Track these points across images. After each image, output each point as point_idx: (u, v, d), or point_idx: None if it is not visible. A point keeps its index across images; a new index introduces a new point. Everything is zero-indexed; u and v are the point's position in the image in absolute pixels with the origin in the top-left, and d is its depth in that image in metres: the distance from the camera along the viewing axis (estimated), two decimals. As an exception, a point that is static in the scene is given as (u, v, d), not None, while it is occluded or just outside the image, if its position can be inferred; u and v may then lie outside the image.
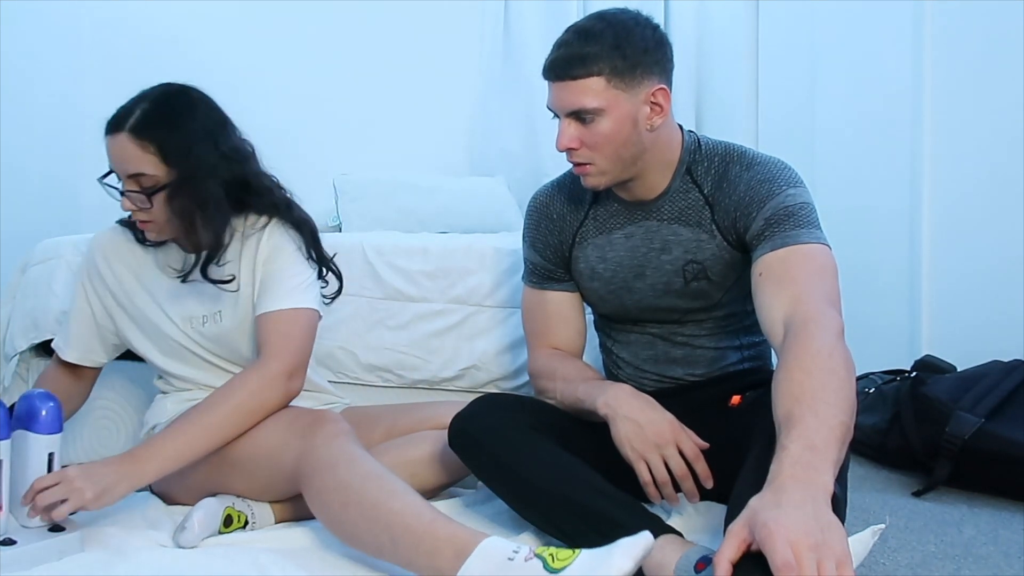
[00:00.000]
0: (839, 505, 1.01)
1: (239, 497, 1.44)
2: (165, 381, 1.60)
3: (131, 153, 1.38)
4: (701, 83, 3.29)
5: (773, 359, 1.38)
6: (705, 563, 1.08)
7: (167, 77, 1.49)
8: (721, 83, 3.21)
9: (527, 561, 1.05)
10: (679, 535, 1.18)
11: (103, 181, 1.43)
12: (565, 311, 1.55)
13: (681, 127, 1.45)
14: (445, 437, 1.39)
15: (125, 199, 1.41)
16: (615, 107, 1.32)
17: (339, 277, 1.61)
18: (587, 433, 1.37)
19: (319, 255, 1.55)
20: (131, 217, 1.46)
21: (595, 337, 1.64)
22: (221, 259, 1.46)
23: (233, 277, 1.46)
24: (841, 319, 1.17)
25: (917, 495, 1.72)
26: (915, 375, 1.91)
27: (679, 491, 1.30)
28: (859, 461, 1.94)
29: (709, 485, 1.28)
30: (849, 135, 2.54)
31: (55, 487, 1.23)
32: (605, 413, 1.31)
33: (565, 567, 1.03)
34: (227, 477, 1.42)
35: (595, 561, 1.03)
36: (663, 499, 1.29)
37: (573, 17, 3.01)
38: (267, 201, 1.51)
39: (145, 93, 1.43)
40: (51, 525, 1.26)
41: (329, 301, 1.62)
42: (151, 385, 1.64)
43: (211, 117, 1.46)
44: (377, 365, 1.96)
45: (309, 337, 1.48)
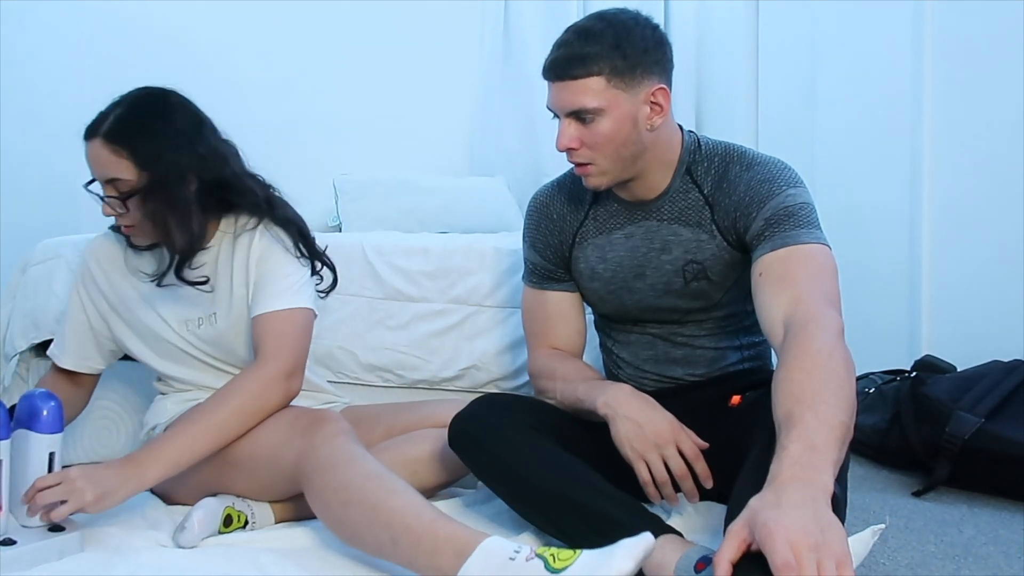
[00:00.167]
0: (839, 505, 1.01)
1: (239, 497, 1.44)
2: (164, 383, 1.60)
3: (105, 158, 1.38)
4: (701, 83, 3.29)
5: (773, 359, 1.38)
6: (705, 563, 1.08)
7: (168, 77, 1.49)
8: (721, 83, 3.21)
9: (528, 561, 1.05)
10: (679, 535, 1.18)
11: (88, 187, 1.43)
12: (565, 311, 1.55)
13: (681, 127, 1.45)
14: (445, 435, 1.39)
15: (105, 204, 1.42)
16: (615, 107, 1.32)
17: (332, 269, 1.60)
18: (587, 433, 1.37)
19: (310, 251, 1.54)
20: (116, 222, 1.46)
21: (595, 337, 1.64)
22: (195, 262, 1.46)
23: (207, 279, 1.46)
24: (841, 319, 1.17)
25: (917, 495, 1.72)
26: (915, 375, 1.91)
27: (679, 491, 1.30)
28: (859, 461, 1.94)
29: (709, 485, 1.28)
30: (849, 135, 2.54)
31: (56, 487, 1.23)
32: (605, 413, 1.31)
33: (566, 567, 1.03)
34: (227, 477, 1.42)
35: (596, 561, 1.03)
36: (663, 499, 1.30)
37: (573, 17, 3.01)
38: (249, 201, 1.50)
39: (122, 98, 1.43)
40: (51, 525, 1.25)
41: (324, 295, 1.61)
42: (151, 386, 1.64)
43: (187, 120, 1.44)
44: (377, 365, 1.97)
45: (306, 336, 1.48)
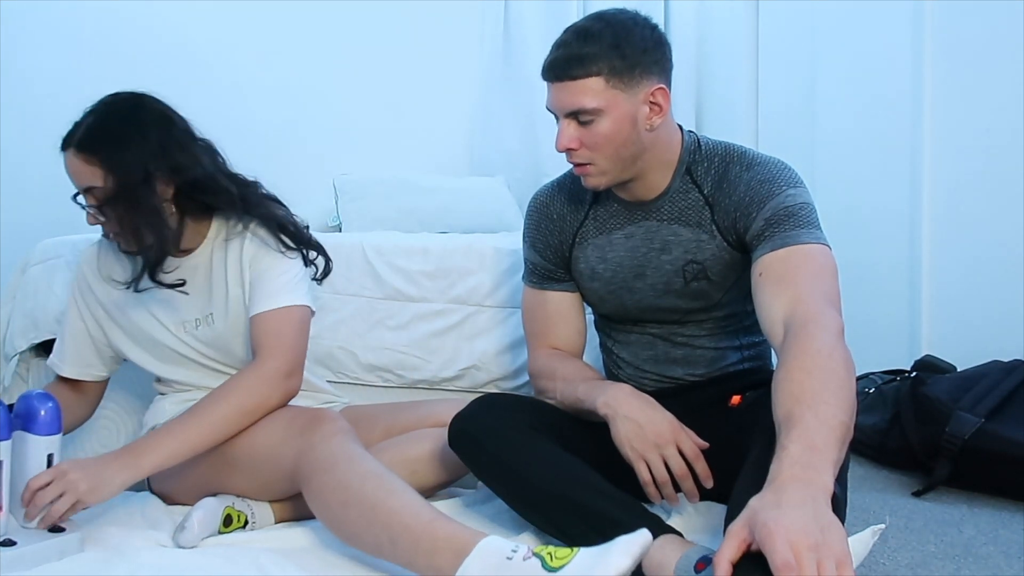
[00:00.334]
0: (839, 505, 1.01)
1: (239, 497, 1.44)
2: (164, 383, 1.60)
3: (79, 168, 1.39)
4: (701, 83, 3.28)
5: (773, 359, 1.38)
6: (705, 563, 1.08)
7: (168, 77, 1.49)
8: (721, 83, 3.20)
9: (526, 560, 1.05)
10: (679, 535, 1.18)
11: (76, 199, 1.43)
12: (565, 311, 1.55)
13: (681, 127, 1.45)
14: (444, 435, 1.39)
15: (87, 214, 1.42)
16: (614, 107, 1.32)
17: (323, 253, 1.57)
18: (587, 433, 1.37)
19: (298, 240, 1.52)
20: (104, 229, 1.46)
21: (595, 337, 1.64)
22: (187, 263, 1.46)
23: (184, 281, 1.46)
24: (841, 319, 1.17)
25: (917, 495, 1.72)
26: (915, 375, 1.91)
27: (679, 491, 1.30)
28: (859, 461, 1.94)
29: (709, 485, 1.28)
30: (849, 135, 2.54)
31: (51, 484, 1.23)
32: (605, 413, 1.31)
33: (563, 566, 1.03)
34: (226, 476, 1.42)
35: (593, 559, 1.03)
36: (663, 499, 1.30)
37: (573, 17, 3.01)
38: (224, 200, 1.47)
39: (94, 107, 1.43)
40: (51, 526, 1.25)
41: (319, 281, 1.58)
42: (150, 387, 1.64)
43: (156, 123, 1.43)
44: (377, 365, 1.96)
45: (304, 334, 1.48)
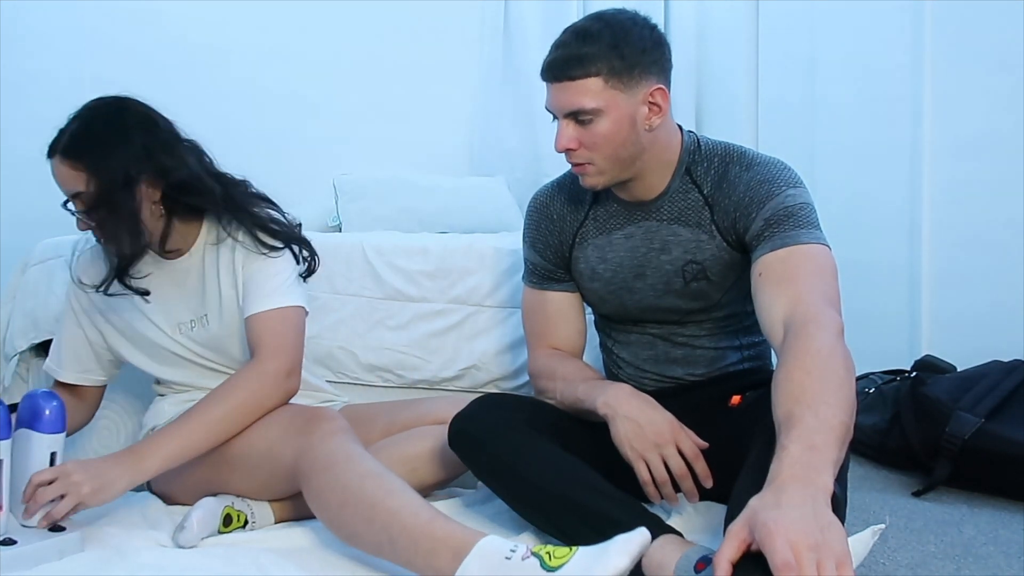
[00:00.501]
0: (839, 505, 1.00)
1: (239, 497, 1.44)
2: (163, 385, 1.60)
3: (65, 174, 1.39)
4: (701, 83, 3.28)
5: (773, 359, 1.38)
6: (705, 563, 1.08)
7: (168, 78, 1.49)
8: (721, 83, 3.20)
9: (524, 560, 1.05)
10: (679, 535, 1.18)
11: (66, 206, 1.42)
12: (565, 311, 1.55)
13: (681, 127, 1.45)
14: (444, 433, 1.39)
15: (77, 219, 1.42)
16: (613, 107, 1.32)
17: (308, 248, 1.55)
18: (587, 433, 1.37)
19: (282, 238, 1.50)
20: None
21: (595, 337, 1.64)
22: (180, 266, 1.47)
23: (148, 291, 1.46)
24: (841, 319, 1.17)
25: (917, 495, 1.72)
26: (915, 375, 1.91)
27: (679, 491, 1.30)
28: (859, 461, 1.94)
29: (708, 484, 1.28)
30: (849, 135, 2.54)
31: (53, 483, 1.23)
32: (605, 413, 1.31)
33: (562, 565, 1.03)
34: (226, 476, 1.42)
35: (592, 558, 1.03)
36: (662, 499, 1.30)
37: (573, 17, 3.01)
38: (208, 201, 1.47)
39: (78, 112, 1.42)
40: (51, 525, 1.25)
41: (305, 277, 1.56)
42: (150, 388, 1.64)
43: (139, 127, 1.42)
44: (377, 365, 1.96)
45: (300, 334, 1.48)
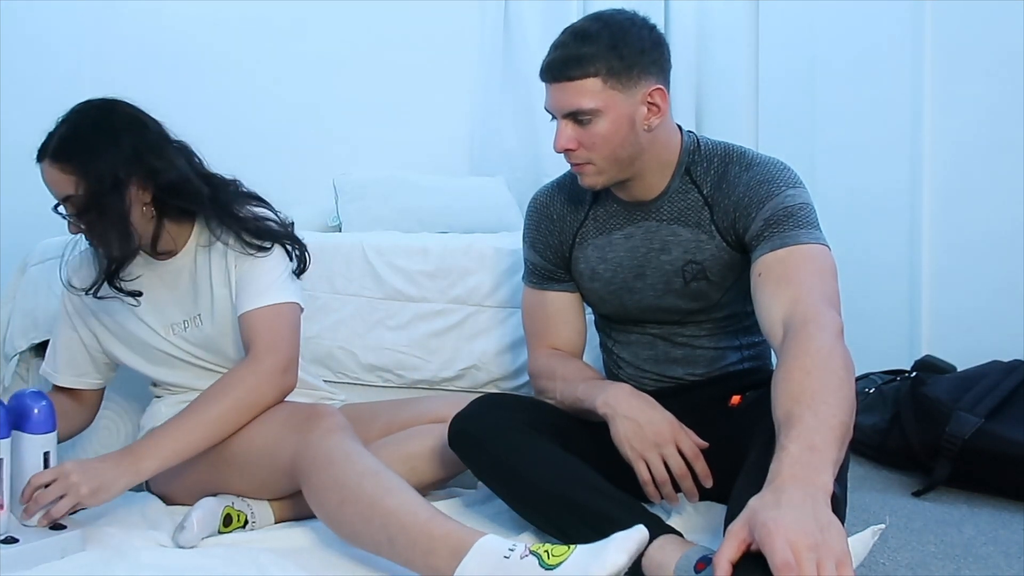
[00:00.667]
0: (839, 505, 1.01)
1: (239, 496, 1.44)
2: (159, 386, 1.59)
3: (55, 178, 1.39)
4: (701, 83, 3.28)
5: (773, 359, 1.38)
6: (705, 563, 1.08)
7: (168, 77, 1.49)
8: (721, 83, 3.20)
9: (523, 559, 1.05)
10: (679, 535, 1.18)
11: (56, 210, 1.42)
12: (565, 311, 1.55)
13: (680, 128, 1.45)
14: (443, 431, 1.39)
15: (68, 223, 1.42)
16: (612, 108, 1.32)
17: (299, 246, 1.54)
18: (587, 433, 1.37)
19: (269, 237, 1.50)
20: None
21: (595, 337, 1.64)
22: (172, 266, 1.47)
23: (141, 292, 1.46)
24: (840, 319, 1.17)
25: (917, 495, 1.72)
26: (915, 375, 1.91)
27: (679, 491, 1.30)
28: (859, 461, 1.94)
29: (708, 484, 1.28)
30: (849, 135, 2.54)
31: (52, 485, 1.23)
32: (604, 412, 1.32)
33: (560, 563, 1.03)
34: (225, 476, 1.42)
35: (590, 556, 1.04)
36: (662, 499, 1.30)
37: (573, 17, 3.01)
38: (196, 202, 1.46)
39: (66, 115, 1.42)
40: (52, 523, 1.25)
41: (298, 275, 1.55)
42: (147, 389, 1.64)
43: (128, 129, 1.41)
44: (377, 365, 1.97)
45: (296, 331, 1.48)
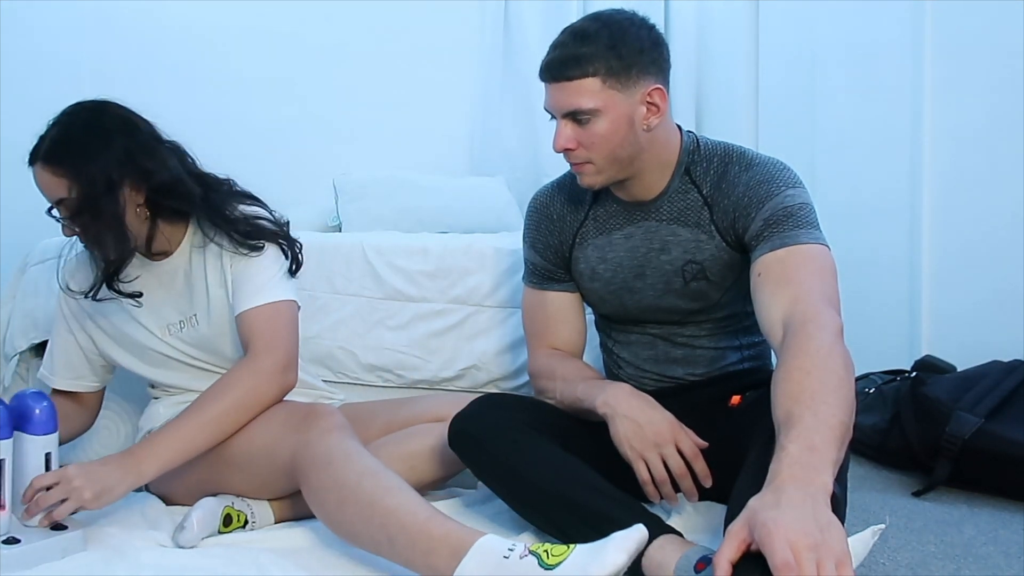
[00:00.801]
0: (839, 505, 1.01)
1: (238, 496, 1.44)
2: (157, 387, 1.59)
3: (47, 181, 1.38)
4: (701, 83, 3.28)
5: (773, 359, 1.38)
6: (705, 563, 1.08)
7: (169, 77, 1.49)
8: (721, 83, 3.20)
9: (522, 558, 1.05)
10: (679, 535, 1.18)
11: (50, 213, 1.42)
12: (565, 311, 1.55)
13: (680, 128, 1.45)
14: (443, 430, 1.39)
15: (62, 226, 1.42)
16: (611, 107, 1.32)
17: (291, 244, 1.53)
18: (587, 433, 1.37)
19: (260, 236, 1.49)
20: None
21: (595, 336, 1.64)
22: (166, 267, 1.47)
23: (141, 293, 1.46)
24: (840, 319, 1.17)
25: (917, 495, 1.72)
26: (915, 375, 1.91)
27: (679, 491, 1.30)
28: (859, 461, 1.94)
29: (708, 484, 1.29)
30: (849, 136, 2.54)
31: (54, 488, 1.23)
32: (604, 412, 1.32)
33: (560, 563, 1.04)
34: (225, 476, 1.42)
35: (589, 556, 1.04)
36: (662, 499, 1.30)
37: (573, 17, 3.00)
38: (188, 203, 1.46)
39: (57, 118, 1.41)
40: (53, 524, 1.25)
41: (293, 272, 1.54)
42: (146, 390, 1.63)
43: (121, 130, 1.41)
44: (377, 365, 1.97)
45: (294, 328, 1.47)
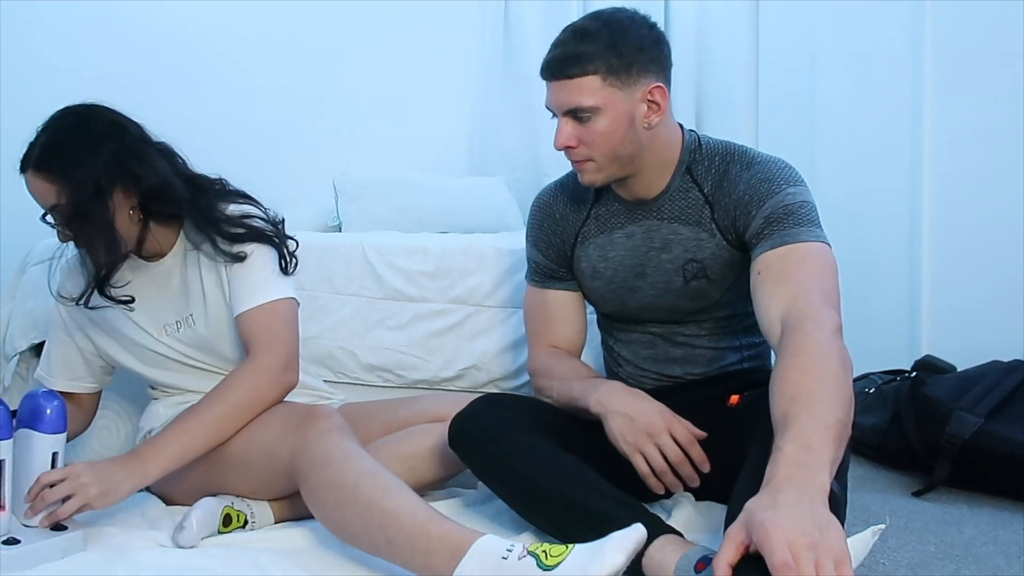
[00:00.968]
0: (839, 505, 1.01)
1: (238, 496, 1.44)
2: (157, 388, 1.59)
3: (40, 188, 1.38)
4: (701, 83, 3.28)
5: (773, 360, 1.38)
6: (705, 563, 1.08)
7: (169, 77, 1.48)
8: (721, 83, 3.20)
9: (521, 559, 1.05)
10: (679, 535, 1.18)
11: (44, 219, 1.41)
12: (566, 310, 1.55)
13: (682, 126, 1.45)
14: (442, 431, 1.39)
15: (57, 232, 1.42)
16: (612, 105, 1.32)
17: (285, 243, 1.52)
18: (586, 433, 1.37)
19: (248, 237, 1.48)
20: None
21: (597, 335, 1.64)
22: (160, 268, 1.47)
23: (132, 298, 1.45)
24: (839, 317, 1.16)
25: (917, 495, 1.72)
26: (915, 375, 1.91)
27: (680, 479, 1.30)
28: (859, 461, 1.93)
29: (706, 469, 1.28)
30: (849, 136, 2.54)
31: (61, 484, 1.24)
32: (597, 411, 1.32)
33: (558, 563, 1.03)
34: (225, 476, 1.42)
35: (588, 556, 1.04)
36: (665, 488, 1.29)
37: (573, 17, 3.00)
38: (177, 205, 1.45)
39: (45, 124, 1.41)
40: (53, 524, 1.25)
41: (287, 271, 1.52)
42: (146, 390, 1.63)
43: (109, 134, 1.40)
44: (377, 365, 1.97)
45: (293, 326, 1.47)
